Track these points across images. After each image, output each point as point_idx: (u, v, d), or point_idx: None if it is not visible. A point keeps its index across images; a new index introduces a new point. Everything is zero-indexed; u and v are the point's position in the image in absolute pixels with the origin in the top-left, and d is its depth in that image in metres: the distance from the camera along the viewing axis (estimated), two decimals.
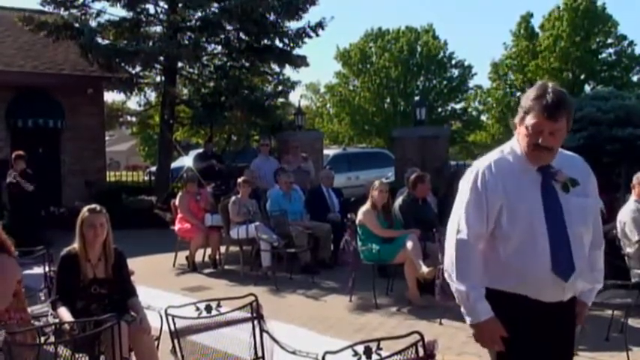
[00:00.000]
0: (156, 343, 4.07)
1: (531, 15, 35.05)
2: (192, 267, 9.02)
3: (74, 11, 14.73)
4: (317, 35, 15.26)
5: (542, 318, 2.54)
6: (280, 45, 15.43)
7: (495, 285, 2.57)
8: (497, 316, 2.52)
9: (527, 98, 2.49)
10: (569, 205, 2.53)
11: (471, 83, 38.63)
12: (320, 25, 15.05)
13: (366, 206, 7.10)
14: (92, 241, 4.14)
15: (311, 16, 46.88)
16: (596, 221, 2.68)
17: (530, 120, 2.46)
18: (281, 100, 17.74)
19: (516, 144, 2.58)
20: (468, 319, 2.57)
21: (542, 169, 2.54)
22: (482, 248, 2.59)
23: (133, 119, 18.42)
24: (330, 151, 17.70)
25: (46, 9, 14.78)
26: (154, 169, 18.94)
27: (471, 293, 2.52)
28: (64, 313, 3.93)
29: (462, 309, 2.58)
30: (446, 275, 2.63)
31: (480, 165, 2.59)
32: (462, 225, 2.57)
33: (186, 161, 14.81)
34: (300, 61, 15.61)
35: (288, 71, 18.24)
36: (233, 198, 8.87)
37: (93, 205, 4.30)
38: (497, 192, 2.51)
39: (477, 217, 2.54)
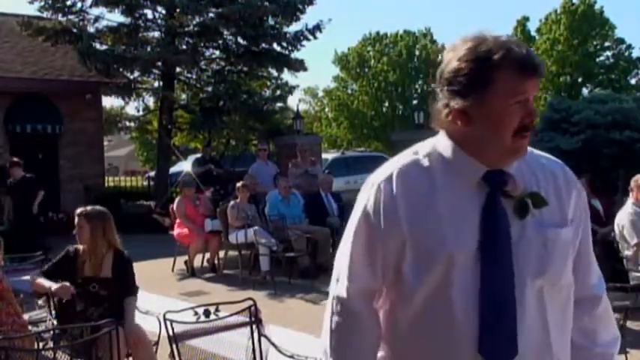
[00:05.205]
0: (154, 348, 4.06)
1: (528, 19, 35.24)
2: (191, 272, 9.01)
3: (72, 17, 14.76)
4: (315, 38, 15.33)
5: None
6: (278, 49, 15.47)
7: None
8: None
9: (476, 57, 1.43)
10: (524, 239, 1.49)
11: None
12: (318, 28, 15.09)
13: None
14: (80, 241, 4.26)
15: (309, 19, 47.01)
16: (584, 261, 1.61)
17: (502, 87, 1.41)
18: (279, 104, 17.82)
19: (443, 140, 1.54)
20: None
21: (490, 176, 1.50)
22: (382, 310, 1.60)
23: (132, 124, 18.44)
24: (328, 155, 17.69)
25: (44, 15, 14.82)
26: (152, 174, 18.95)
27: None
28: (43, 280, 4.10)
29: None
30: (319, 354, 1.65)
31: (377, 177, 1.58)
32: (341, 274, 1.59)
33: (185, 166, 14.81)
34: (298, 65, 15.65)
35: (287, 76, 18.32)
36: (232, 202, 8.87)
37: (80, 208, 4.39)
38: (396, 221, 1.50)
39: (364, 262, 1.55)
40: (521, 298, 1.46)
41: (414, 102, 36.79)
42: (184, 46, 14.86)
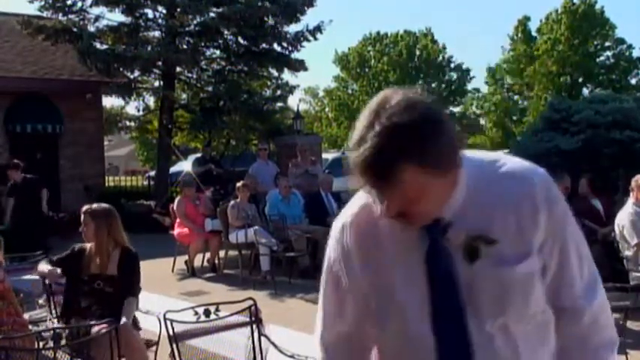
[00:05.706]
0: (154, 347, 4.06)
1: (528, 19, 35.26)
2: (192, 271, 9.02)
3: (72, 16, 14.76)
4: (315, 39, 15.32)
5: None
6: (279, 49, 15.47)
7: None
8: None
9: (354, 134, 1.33)
10: (477, 282, 1.40)
11: (469, 86, 38.80)
12: (318, 28, 15.10)
13: None
14: (86, 239, 4.28)
15: (309, 19, 47.06)
16: (564, 277, 1.46)
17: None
18: (279, 104, 17.80)
19: None
20: None
21: (428, 224, 1.40)
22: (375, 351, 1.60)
23: (132, 124, 18.43)
24: (328, 155, 17.69)
25: (44, 14, 14.81)
26: (152, 173, 18.94)
27: None
28: (45, 265, 4.16)
29: None
30: None
31: (336, 224, 1.60)
32: (318, 319, 1.64)
33: (185, 166, 14.81)
34: (298, 65, 15.65)
35: (287, 75, 18.32)
36: (232, 202, 8.87)
37: (86, 206, 4.40)
38: (353, 271, 1.51)
39: (334, 308, 1.58)
40: (483, 339, 1.40)
41: None
42: (185, 46, 14.86)
